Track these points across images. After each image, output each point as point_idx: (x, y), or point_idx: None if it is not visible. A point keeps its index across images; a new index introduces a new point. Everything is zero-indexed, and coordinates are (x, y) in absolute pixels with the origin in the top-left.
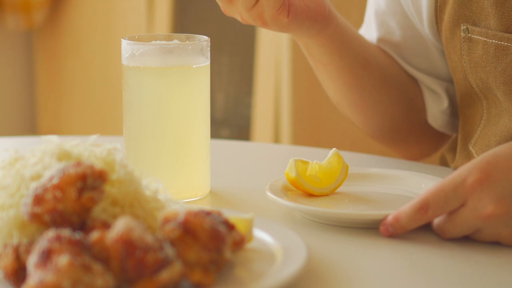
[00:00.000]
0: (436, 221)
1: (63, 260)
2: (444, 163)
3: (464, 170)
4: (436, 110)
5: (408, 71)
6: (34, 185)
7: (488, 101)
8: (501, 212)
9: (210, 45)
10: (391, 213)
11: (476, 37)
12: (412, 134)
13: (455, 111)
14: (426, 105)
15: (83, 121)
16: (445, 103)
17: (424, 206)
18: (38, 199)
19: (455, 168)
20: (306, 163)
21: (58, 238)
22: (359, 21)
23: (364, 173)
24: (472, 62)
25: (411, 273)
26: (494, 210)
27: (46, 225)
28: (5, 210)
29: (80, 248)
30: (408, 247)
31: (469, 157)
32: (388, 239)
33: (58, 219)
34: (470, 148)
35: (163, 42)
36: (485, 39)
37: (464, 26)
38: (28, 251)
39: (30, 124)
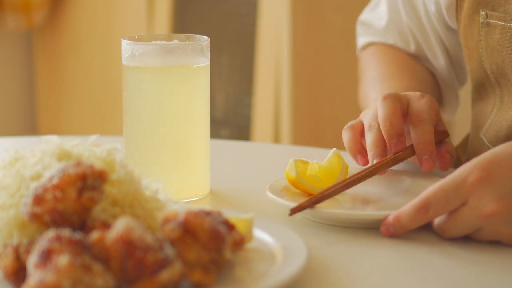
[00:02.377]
0: (437, 220)
1: (63, 260)
2: (456, 158)
3: (465, 169)
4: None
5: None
6: (34, 185)
7: (502, 88)
8: (502, 211)
9: (210, 45)
10: (392, 213)
11: (494, 21)
12: None
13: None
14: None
15: (83, 121)
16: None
17: (425, 206)
18: (38, 199)
19: (466, 160)
20: (306, 163)
21: (58, 238)
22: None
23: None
24: (489, 47)
25: (411, 273)
26: (495, 208)
27: (46, 225)
28: (5, 210)
29: (80, 248)
30: (408, 247)
31: (480, 145)
32: (388, 239)
33: (58, 219)
34: (481, 136)
35: (163, 42)
36: (503, 23)
37: (483, 12)
38: (28, 251)
39: (30, 124)
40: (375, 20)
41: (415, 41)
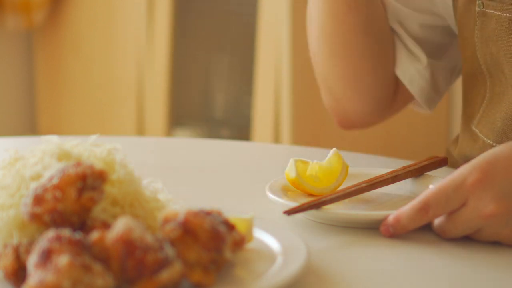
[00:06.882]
0: (437, 221)
1: (63, 260)
2: (449, 157)
3: (464, 170)
4: (412, 69)
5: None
6: (34, 185)
7: (493, 79)
8: (502, 211)
9: (210, 45)
10: (392, 213)
11: (490, 11)
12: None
13: (435, 87)
14: (397, 59)
15: (83, 121)
16: (423, 62)
17: (425, 206)
18: (38, 199)
19: (458, 154)
20: (306, 163)
21: (58, 238)
22: None
23: (364, 173)
24: (484, 36)
25: (411, 273)
26: (494, 209)
27: (46, 225)
28: (5, 210)
29: (80, 248)
30: (408, 247)
31: (473, 137)
32: (388, 239)
33: (58, 219)
34: (473, 128)
35: None
36: (499, 13)
37: (480, 1)
38: (28, 251)
39: (30, 124)
40: None
41: None
